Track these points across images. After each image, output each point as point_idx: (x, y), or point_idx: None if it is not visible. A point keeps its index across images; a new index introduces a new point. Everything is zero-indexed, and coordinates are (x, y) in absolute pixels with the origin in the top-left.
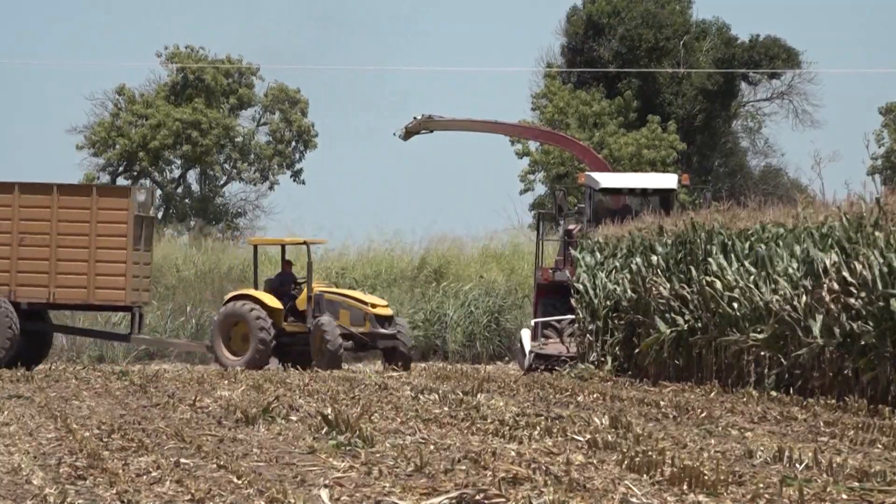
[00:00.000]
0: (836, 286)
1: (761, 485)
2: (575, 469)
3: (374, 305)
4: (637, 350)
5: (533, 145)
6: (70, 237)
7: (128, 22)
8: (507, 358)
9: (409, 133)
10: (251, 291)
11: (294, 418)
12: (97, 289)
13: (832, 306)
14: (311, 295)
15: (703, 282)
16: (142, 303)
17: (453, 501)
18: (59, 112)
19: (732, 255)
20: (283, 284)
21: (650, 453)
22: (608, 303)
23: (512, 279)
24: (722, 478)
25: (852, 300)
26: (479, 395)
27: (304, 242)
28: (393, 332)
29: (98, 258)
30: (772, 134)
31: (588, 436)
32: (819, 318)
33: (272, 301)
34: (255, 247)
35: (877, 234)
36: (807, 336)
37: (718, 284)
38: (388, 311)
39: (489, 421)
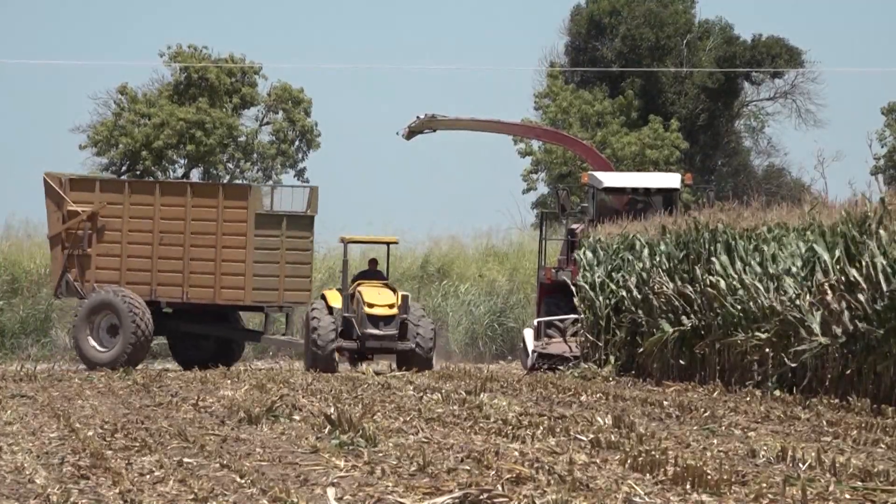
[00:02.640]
0: (839, 285)
1: (764, 484)
2: (578, 469)
3: (370, 305)
4: (640, 350)
5: (536, 144)
6: (200, 236)
7: (130, 21)
8: (509, 357)
9: (412, 132)
10: (327, 290)
11: (297, 418)
12: (222, 288)
13: (836, 306)
14: (343, 294)
15: (707, 281)
16: (283, 303)
17: (456, 501)
18: (63, 111)
19: (736, 255)
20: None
21: (653, 453)
22: (611, 302)
23: (515, 278)
24: (725, 477)
25: (856, 299)
26: (482, 395)
27: (395, 241)
28: (387, 334)
29: (223, 258)
30: (775, 133)
31: (591, 435)
32: (822, 317)
33: (335, 300)
34: (346, 244)
35: (881, 233)
36: (810, 335)
37: (722, 284)
38: (387, 312)
39: (492, 420)
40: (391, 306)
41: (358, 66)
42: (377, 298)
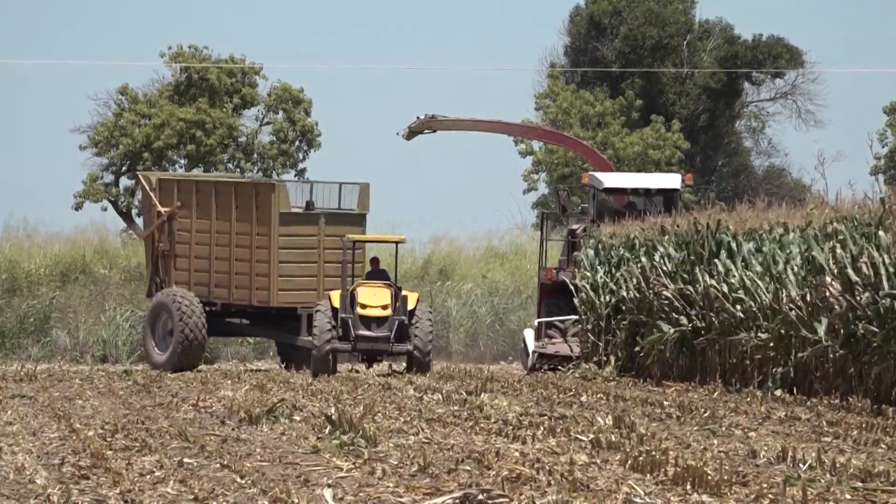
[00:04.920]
0: (840, 286)
1: (765, 485)
2: (578, 469)
3: (363, 306)
4: (639, 349)
5: (536, 145)
6: (241, 236)
7: (131, 22)
8: (510, 358)
9: (412, 133)
10: (333, 291)
11: (297, 418)
12: (257, 289)
13: (837, 306)
14: (343, 294)
15: (708, 282)
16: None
17: (457, 501)
18: (63, 112)
19: (737, 255)
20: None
21: (653, 453)
22: (611, 303)
23: (515, 279)
24: (725, 478)
25: (857, 300)
26: (482, 395)
27: (402, 240)
28: (379, 335)
29: (256, 258)
30: (775, 134)
31: (591, 436)
32: (824, 318)
33: (336, 301)
34: (354, 243)
35: (881, 233)
36: (811, 336)
37: (723, 284)
38: (380, 313)
39: (493, 421)
40: (384, 307)
41: (358, 67)
42: (371, 299)
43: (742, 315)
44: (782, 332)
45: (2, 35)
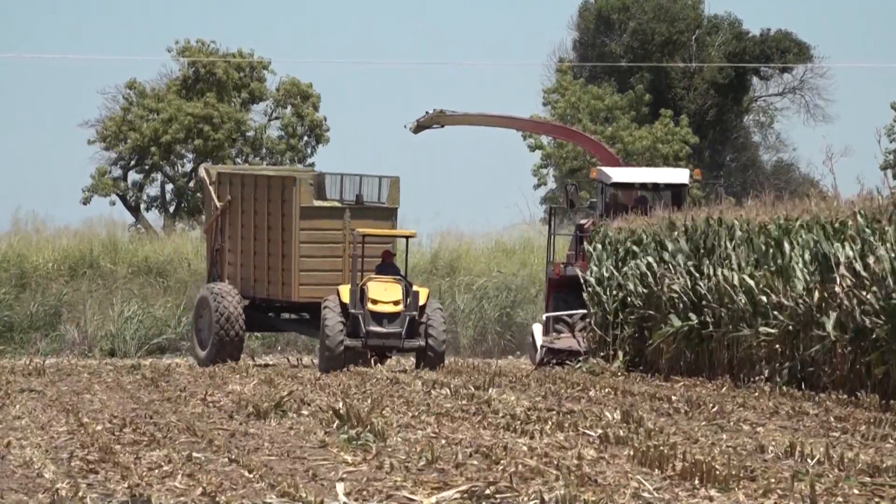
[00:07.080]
0: (849, 281)
1: (773, 479)
2: (586, 463)
3: (374, 301)
4: (649, 344)
5: (545, 139)
6: (272, 231)
7: (139, 16)
8: (518, 352)
9: (420, 127)
10: (342, 286)
11: (305, 413)
12: (283, 284)
13: (845, 301)
14: (353, 289)
15: (717, 276)
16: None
17: (465, 495)
18: (71, 106)
19: (745, 250)
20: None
21: (661, 448)
22: (619, 297)
23: (524, 274)
24: (733, 472)
25: (865, 295)
26: (490, 390)
27: (413, 235)
28: (391, 331)
29: (283, 253)
30: (783, 129)
31: (599, 430)
32: (832, 313)
33: (345, 296)
34: (363, 237)
35: (890, 228)
36: (819, 331)
37: (731, 279)
38: (392, 309)
39: (501, 415)
40: (396, 303)
41: (366, 62)
42: (382, 295)
43: (750, 310)
44: (790, 327)
45: (10, 30)
